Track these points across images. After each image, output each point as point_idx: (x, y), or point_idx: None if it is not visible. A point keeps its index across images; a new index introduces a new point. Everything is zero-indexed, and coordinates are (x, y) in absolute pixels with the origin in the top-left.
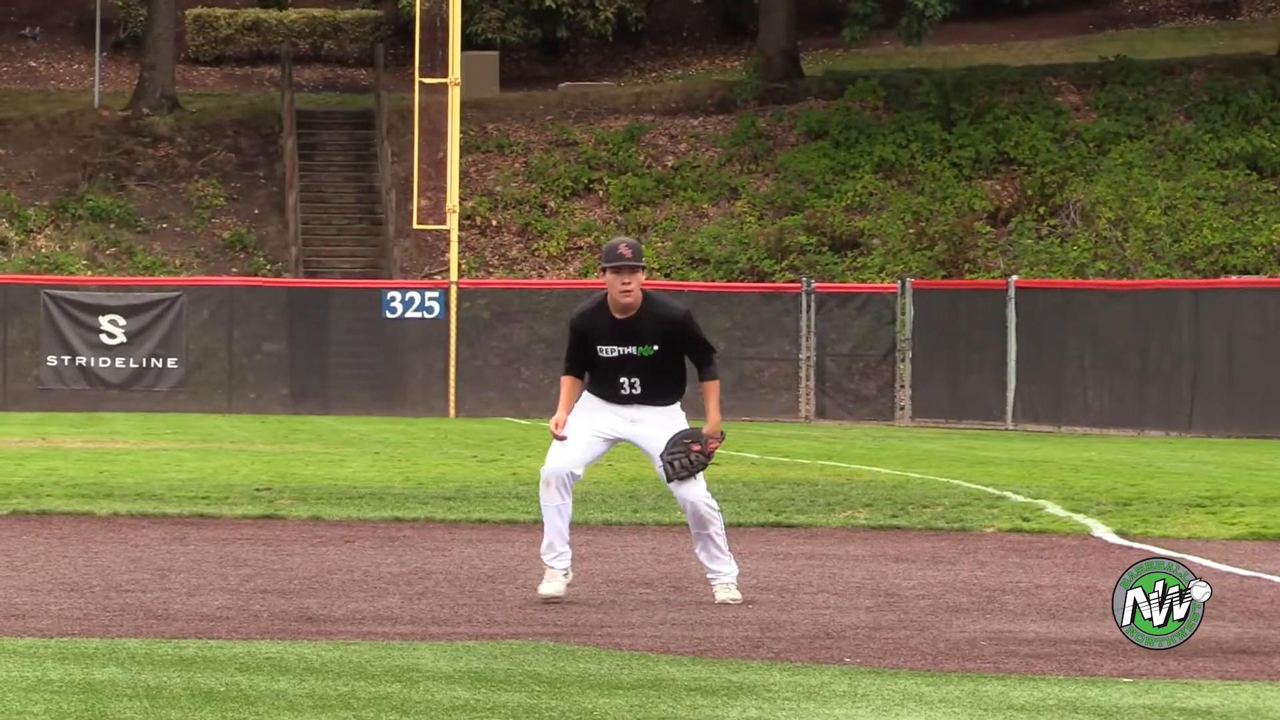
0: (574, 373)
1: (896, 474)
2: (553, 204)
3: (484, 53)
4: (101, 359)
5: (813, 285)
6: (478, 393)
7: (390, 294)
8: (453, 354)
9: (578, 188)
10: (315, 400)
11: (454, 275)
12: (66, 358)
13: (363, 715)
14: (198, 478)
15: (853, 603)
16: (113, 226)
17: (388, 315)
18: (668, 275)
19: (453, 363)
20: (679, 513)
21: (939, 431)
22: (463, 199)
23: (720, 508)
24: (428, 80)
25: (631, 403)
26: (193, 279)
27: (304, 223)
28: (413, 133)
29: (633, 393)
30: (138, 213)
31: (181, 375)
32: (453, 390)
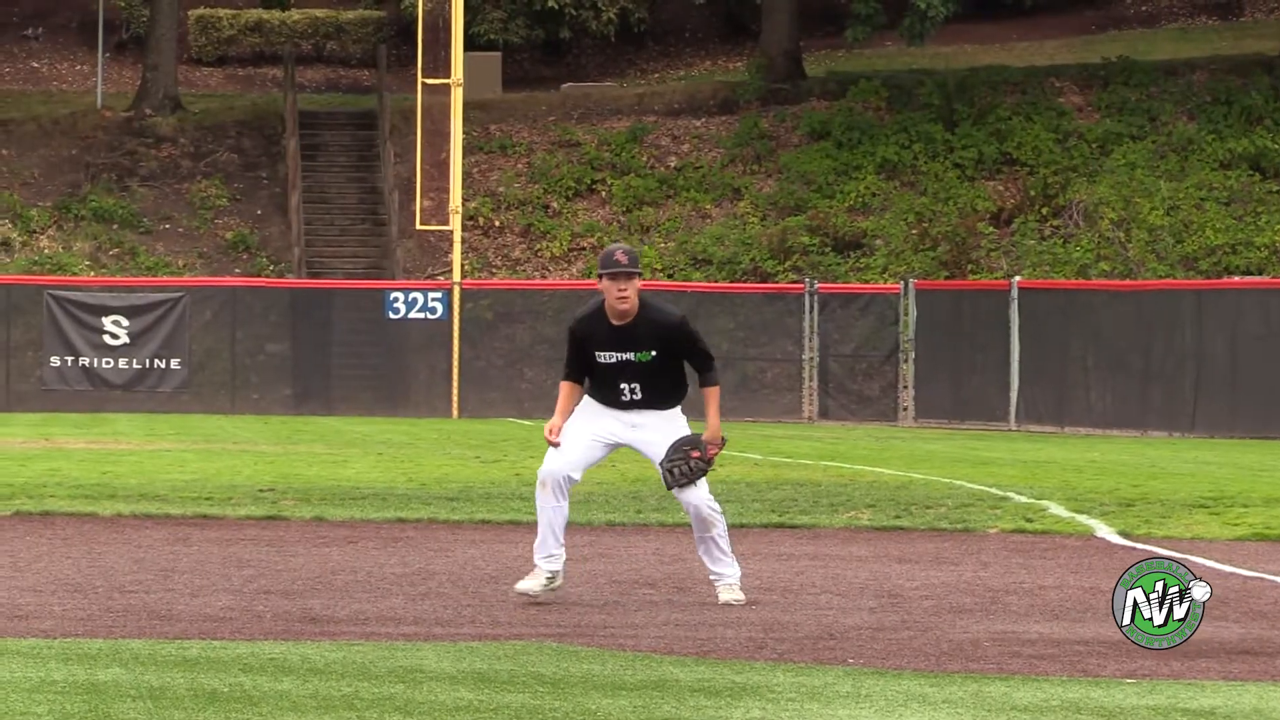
0: (572, 378)
1: (900, 475)
2: (555, 205)
3: (486, 53)
4: (104, 360)
5: (815, 286)
6: (481, 393)
7: (393, 295)
8: (456, 355)
9: (580, 188)
10: (318, 401)
11: (457, 276)
12: (69, 358)
13: (366, 716)
14: (201, 478)
15: (856, 603)
16: (116, 227)
17: (391, 316)
18: (670, 276)
19: (456, 363)
20: (682, 514)
21: (942, 432)
22: (465, 200)
23: (723, 510)
24: (430, 81)
25: (632, 408)
26: (196, 280)
27: (307, 223)
28: (415, 133)
29: (633, 398)
30: (140, 213)
31: (184, 376)
32: (456, 391)
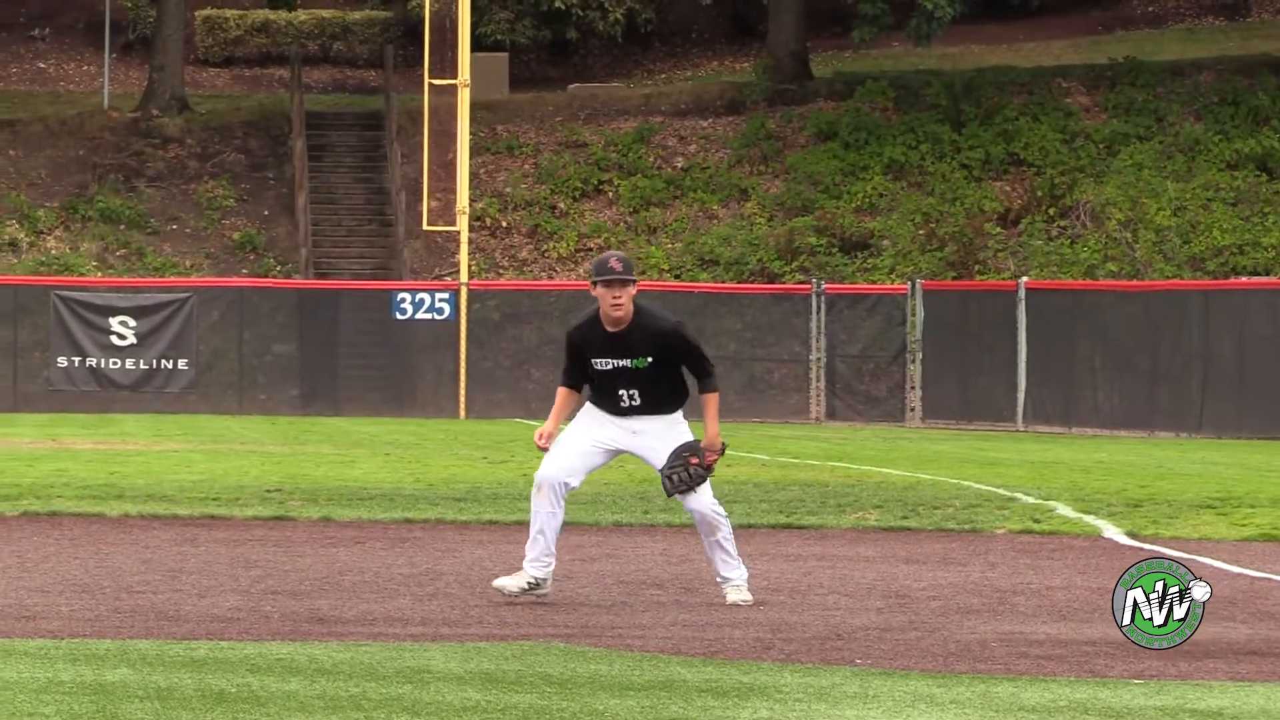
0: (569, 385)
1: (907, 475)
2: (562, 205)
3: (493, 54)
4: (112, 360)
5: (823, 286)
6: (488, 394)
7: (400, 295)
8: (463, 355)
9: (587, 189)
10: (325, 401)
11: (464, 276)
12: (77, 359)
13: (374, 716)
14: (208, 479)
15: (863, 604)
16: (123, 228)
17: (397, 316)
18: (678, 277)
19: (463, 364)
20: (689, 515)
21: (949, 433)
22: (472, 200)
23: (727, 513)
24: (437, 81)
25: (631, 414)
26: (203, 280)
27: (314, 224)
28: (422, 134)
29: (632, 404)
30: (147, 214)
31: (192, 376)
32: (463, 391)
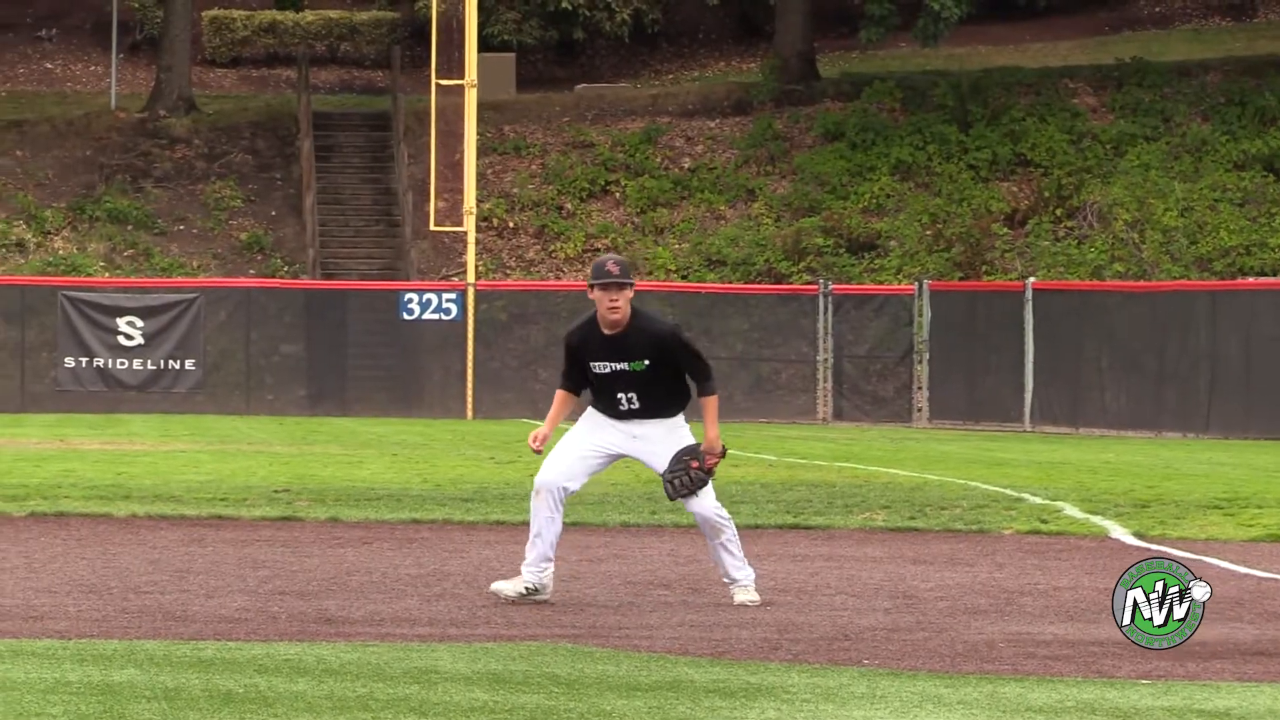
0: (567, 388)
1: (914, 476)
2: (570, 206)
3: (500, 54)
4: (119, 361)
5: (830, 287)
6: (495, 394)
7: (407, 296)
8: (470, 355)
9: (594, 189)
10: (333, 402)
11: (471, 277)
12: (84, 359)
13: (381, 717)
14: (216, 479)
15: (871, 604)
16: (130, 228)
17: (405, 317)
18: (685, 277)
19: (470, 364)
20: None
21: (956, 433)
22: (480, 201)
23: (734, 514)
24: (444, 82)
25: (631, 418)
26: (210, 280)
27: (321, 224)
28: (429, 134)
29: (631, 408)
30: (155, 214)
31: (199, 377)
32: (470, 392)
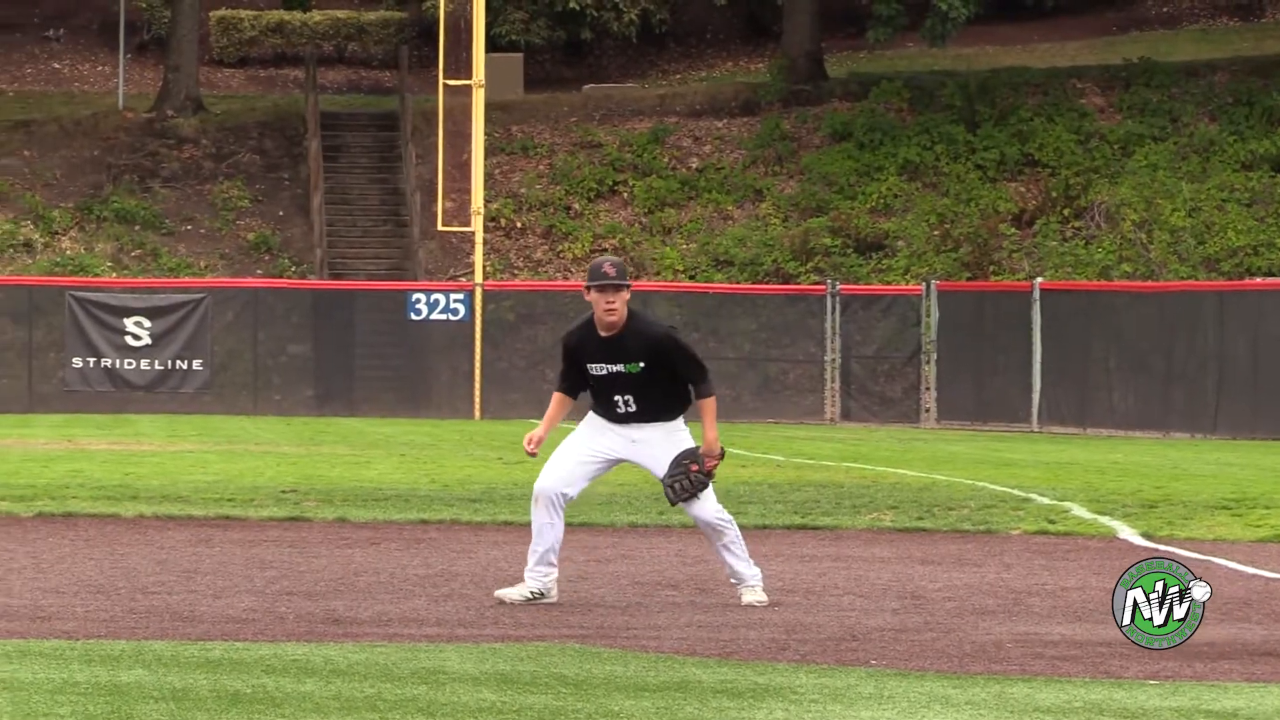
0: (564, 390)
1: (922, 476)
2: (577, 206)
3: (508, 54)
4: (126, 361)
5: (838, 287)
6: (503, 394)
7: (415, 296)
8: (478, 356)
9: (602, 189)
10: (340, 402)
11: (479, 277)
12: (91, 360)
13: (389, 717)
14: (223, 480)
15: (879, 605)
16: (137, 228)
17: (412, 317)
18: (692, 277)
19: (478, 364)
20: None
21: (964, 434)
22: (487, 201)
23: (740, 514)
24: (452, 82)
25: (629, 421)
26: (217, 281)
27: (328, 224)
28: (437, 134)
29: (628, 410)
30: (162, 214)
31: (206, 377)
32: (478, 392)
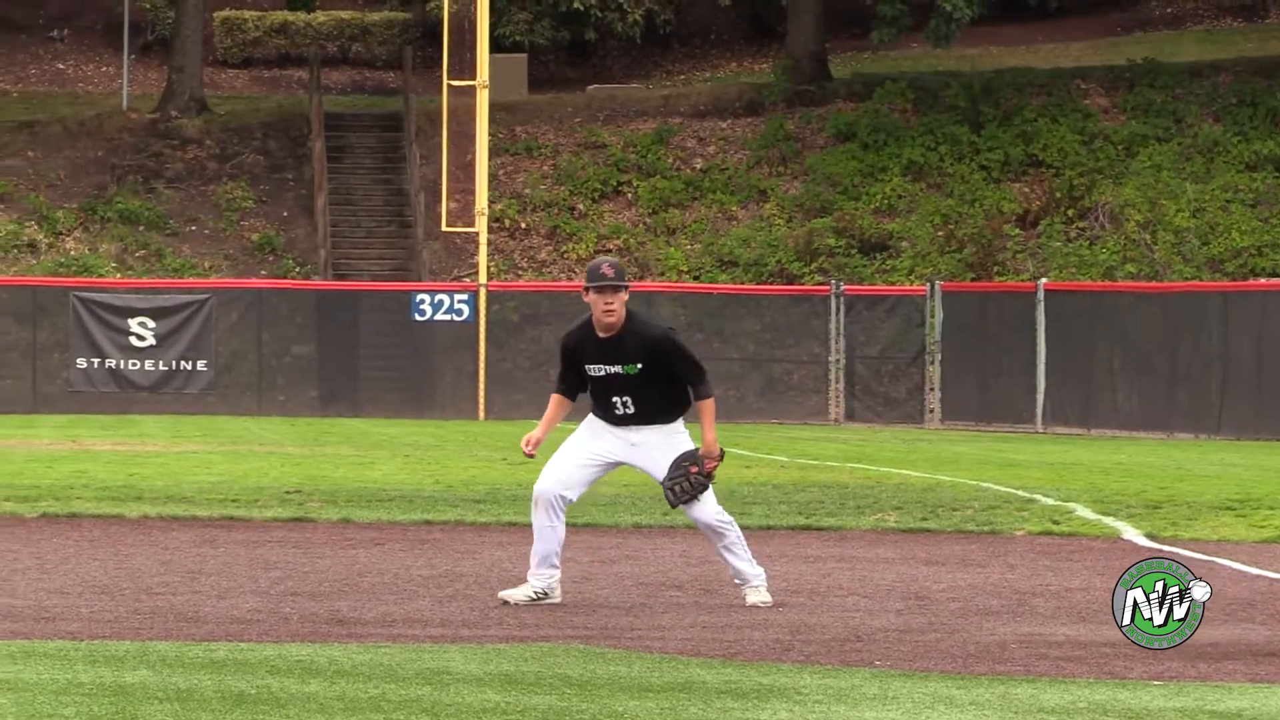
0: (562, 391)
1: (926, 477)
2: (581, 206)
3: (512, 55)
4: (131, 361)
5: (842, 288)
6: (507, 395)
7: (419, 296)
8: (482, 356)
9: (606, 190)
10: (345, 403)
11: (483, 278)
12: (96, 360)
13: (393, 718)
14: (227, 480)
15: (883, 605)
16: (141, 229)
17: (417, 318)
18: (696, 278)
19: (482, 365)
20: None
21: (968, 434)
22: (491, 201)
23: (742, 515)
24: (456, 83)
25: (628, 423)
26: (222, 281)
27: (333, 225)
28: (441, 135)
29: (626, 412)
30: (166, 215)
31: (211, 378)
32: (482, 393)
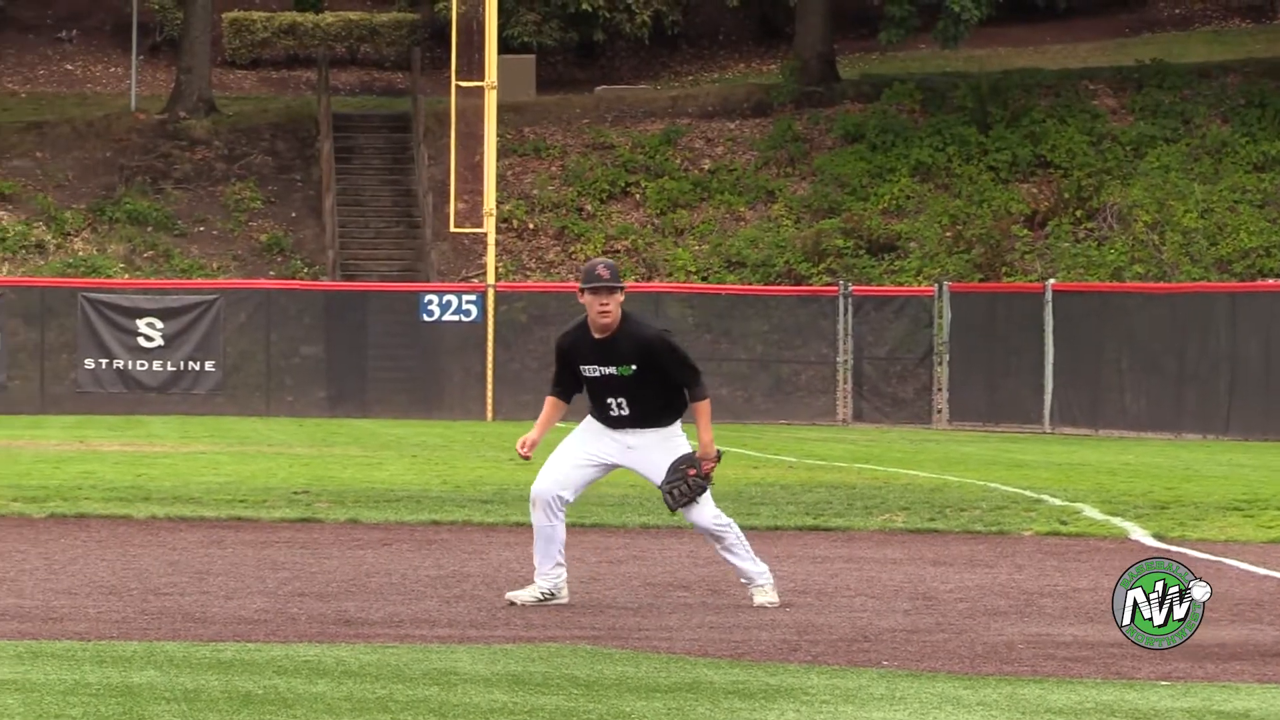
0: (557, 393)
1: (934, 477)
2: (589, 207)
3: (520, 56)
4: (139, 362)
5: (850, 288)
6: (515, 395)
7: (427, 297)
8: (490, 357)
9: (614, 191)
10: (353, 403)
11: (491, 278)
12: (104, 361)
13: (401, 718)
14: (235, 481)
15: (890, 606)
16: (150, 229)
17: (425, 318)
18: (704, 279)
19: (490, 366)
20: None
21: (976, 435)
22: (499, 202)
23: (743, 516)
24: (464, 84)
25: (624, 426)
26: (230, 282)
27: (341, 226)
28: (449, 136)
29: (621, 414)
30: (175, 216)
31: (219, 378)
32: (490, 393)
